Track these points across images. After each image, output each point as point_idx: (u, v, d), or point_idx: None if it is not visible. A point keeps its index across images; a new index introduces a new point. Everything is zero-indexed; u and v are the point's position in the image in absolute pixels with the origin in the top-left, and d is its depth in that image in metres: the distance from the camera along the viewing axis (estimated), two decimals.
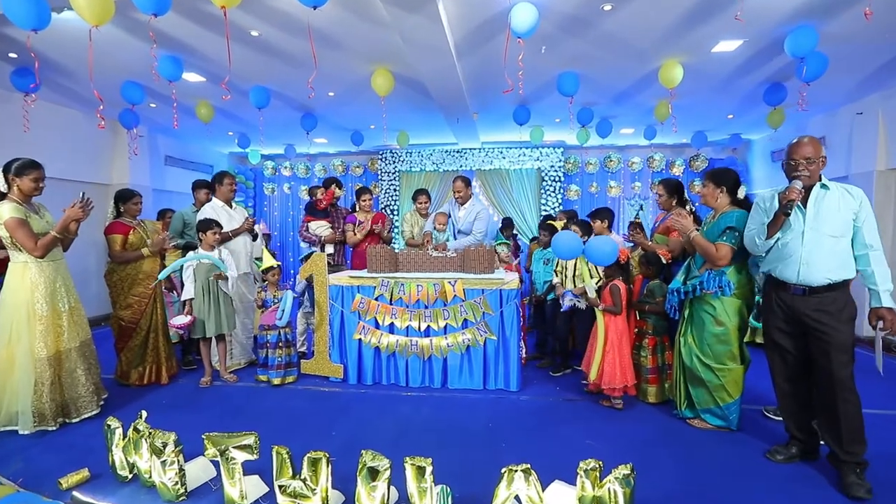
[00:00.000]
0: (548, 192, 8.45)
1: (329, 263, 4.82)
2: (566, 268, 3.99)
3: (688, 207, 3.62)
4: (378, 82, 4.57)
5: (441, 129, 7.18)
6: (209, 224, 3.91)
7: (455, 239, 4.74)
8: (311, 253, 4.64)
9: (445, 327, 3.78)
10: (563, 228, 4.71)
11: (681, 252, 3.63)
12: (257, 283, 4.52)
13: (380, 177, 8.86)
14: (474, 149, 8.52)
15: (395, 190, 8.81)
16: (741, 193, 2.90)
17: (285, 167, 9.43)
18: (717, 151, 8.56)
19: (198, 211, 4.35)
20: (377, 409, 3.41)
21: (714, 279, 2.82)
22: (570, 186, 8.66)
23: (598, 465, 1.86)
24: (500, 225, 6.59)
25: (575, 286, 3.90)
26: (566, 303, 3.76)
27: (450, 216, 4.83)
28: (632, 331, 3.50)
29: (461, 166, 8.58)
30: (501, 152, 8.48)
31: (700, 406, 3.02)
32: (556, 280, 4.06)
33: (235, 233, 4.22)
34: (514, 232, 7.17)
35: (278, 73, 4.79)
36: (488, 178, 8.61)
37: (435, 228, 4.61)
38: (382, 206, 8.80)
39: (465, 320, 3.75)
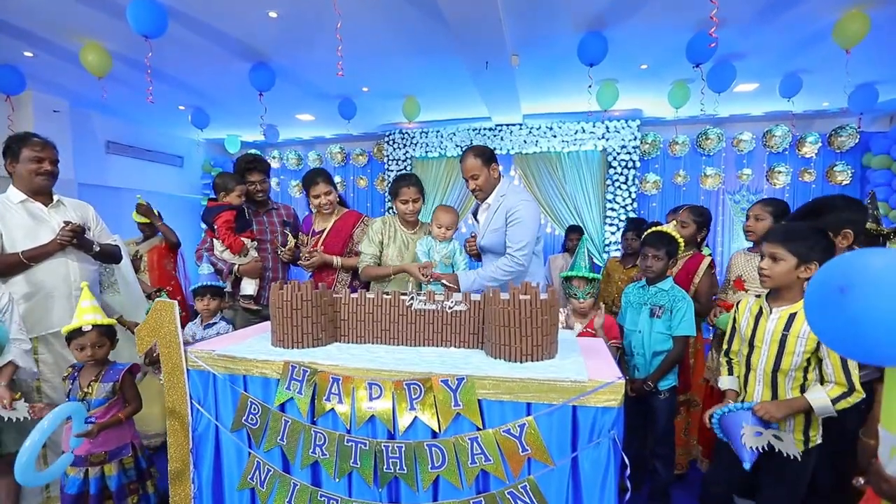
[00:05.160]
0: (616, 184, 6.02)
1: (248, 310, 2.72)
2: (747, 335, 1.64)
3: None
4: None
5: (465, 94, 4.97)
6: None
7: (467, 263, 2.55)
8: (212, 285, 2.55)
9: (436, 486, 1.55)
10: (688, 240, 2.43)
11: None
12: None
13: (387, 165, 6.69)
14: (513, 125, 6.21)
15: None
16: None
17: (273, 157, 7.47)
18: (867, 122, 5.87)
19: None
20: None
21: None
22: (646, 176, 6.21)
23: None
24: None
25: (757, 389, 1.58)
26: (747, 443, 1.46)
27: (475, 215, 2.65)
28: None
29: (495, 149, 6.28)
30: (551, 128, 6.12)
31: None
32: (732, 386, 1.74)
33: (33, 255, 2.14)
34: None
35: None
36: (532, 164, 6.27)
37: (429, 233, 2.38)
38: (387, 206, 6.62)
39: (483, 473, 1.51)
